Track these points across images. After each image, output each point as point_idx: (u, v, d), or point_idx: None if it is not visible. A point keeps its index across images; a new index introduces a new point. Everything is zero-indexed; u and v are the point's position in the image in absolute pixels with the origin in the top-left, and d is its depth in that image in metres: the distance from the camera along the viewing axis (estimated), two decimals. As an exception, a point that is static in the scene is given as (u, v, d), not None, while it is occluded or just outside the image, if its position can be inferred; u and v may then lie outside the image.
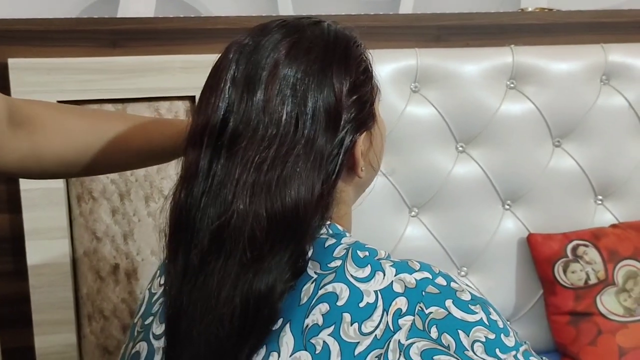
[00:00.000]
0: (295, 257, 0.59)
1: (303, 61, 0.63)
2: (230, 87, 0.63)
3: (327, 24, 0.68)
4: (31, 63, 1.19)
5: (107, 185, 1.25)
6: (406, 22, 1.34)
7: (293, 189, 0.59)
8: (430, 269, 0.61)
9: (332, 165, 0.62)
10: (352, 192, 0.70)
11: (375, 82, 0.71)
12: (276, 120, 0.61)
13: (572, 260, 1.28)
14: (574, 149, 1.35)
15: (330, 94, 0.63)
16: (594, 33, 1.39)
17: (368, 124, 0.67)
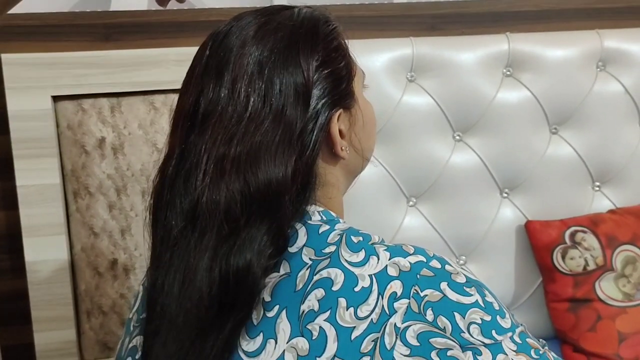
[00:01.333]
0: (274, 232, 0.60)
1: (269, 40, 0.64)
2: (202, 73, 0.64)
3: (298, 8, 0.69)
4: (25, 58, 1.18)
5: (104, 181, 1.25)
6: (401, 11, 1.33)
7: (264, 163, 0.60)
8: (424, 252, 0.61)
9: (307, 141, 0.63)
10: (340, 176, 0.70)
11: (354, 63, 0.71)
12: (244, 98, 0.62)
13: (570, 247, 1.28)
14: (571, 135, 1.35)
15: (296, 69, 0.63)
16: (590, 19, 1.39)
17: (345, 102, 0.68)
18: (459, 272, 0.60)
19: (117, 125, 1.24)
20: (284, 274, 0.60)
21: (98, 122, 1.23)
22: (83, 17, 1.23)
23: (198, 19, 1.25)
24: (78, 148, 1.23)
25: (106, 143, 1.24)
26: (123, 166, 1.25)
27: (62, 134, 1.23)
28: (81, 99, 1.23)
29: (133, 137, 1.24)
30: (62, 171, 1.25)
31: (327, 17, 0.70)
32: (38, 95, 1.19)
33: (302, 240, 0.62)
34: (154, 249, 0.64)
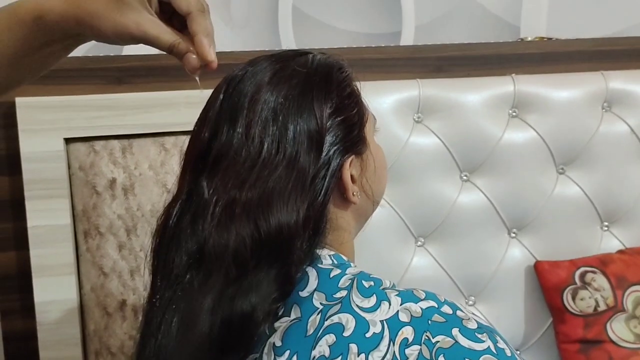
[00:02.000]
0: (282, 277, 0.60)
1: (284, 87, 0.65)
2: (216, 116, 0.65)
3: (312, 55, 0.70)
4: (38, 101, 1.21)
5: (114, 221, 1.26)
6: (408, 54, 1.35)
7: (276, 208, 0.60)
8: (435, 297, 0.61)
9: (319, 187, 0.63)
10: (351, 220, 0.71)
11: (367, 109, 0.72)
12: (258, 143, 0.63)
13: (580, 287, 1.27)
14: (578, 175, 1.36)
15: (310, 116, 0.64)
16: (594, 61, 1.41)
17: (357, 148, 0.69)
18: (470, 317, 0.60)
19: (128, 166, 1.25)
20: (295, 319, 0.60)
21: (109, 163, 1.25)
22: (96, 61, 1.25)
23: (209, 63, 1.27)
24: (89, 189, 1.25)
25: (117, 184, 1.25)
26: (133, 207, 1.26)
27: (74, 175, 1.25)
28: (93, 141, 1.24)
29: (143, 178, 1.26)
30: (73, 211, 1.26)
31: (340, 64, 0.71)
32: (51, 138, 1.21)
33: (313, 285, 0.62)
34: (153, 287, 0.64)
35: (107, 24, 0.61)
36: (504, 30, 1.46)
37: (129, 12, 0.61)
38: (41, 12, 0.61)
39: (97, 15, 0.61)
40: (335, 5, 1.37)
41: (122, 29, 0.61)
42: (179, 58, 0.64)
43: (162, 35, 0.62)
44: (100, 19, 0.61)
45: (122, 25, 0.61)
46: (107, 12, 0.61)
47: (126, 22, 0.61)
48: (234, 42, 1.34)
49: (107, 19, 0.61)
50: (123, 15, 0.61)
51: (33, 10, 0.62)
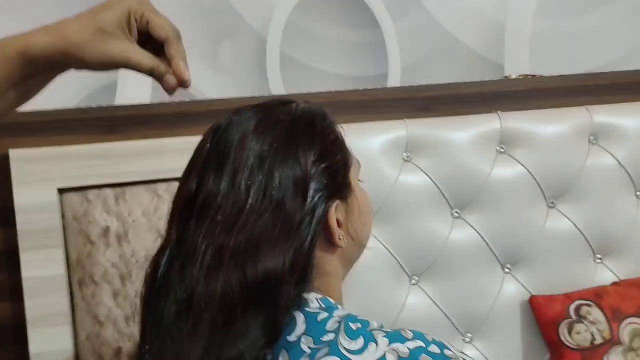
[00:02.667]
0: (270, 324, 0.60)
1: (269, 135, 0.67)
2: (203, 165, 0.67)
3: (296, 104, 0.72)
4: (32, 153, 1.22)
5: (109, 269, 1.26)
6: (395, 95, 1.38)
7: (262, 254, 0.61)
8: (423, 337, 0.62)
9: (306, 232, 0.64)
10: (338, 265, 0.71)
11: (351, 154, 0.74)
12: (244, 191, 0.64)
13: (576, 321, 1.27)
14: (568, 209, 1.36)
15: (295, 163, 0.66)
16: (578, 96, 1.43)
17: (342, 193, 0.70)
18: (458, 357, 0.61)
19: (121, 214, 1.26)
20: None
21: (103, 211, 1.26)
22: (89, 112, 1.27)
23: (199, 110, 1.29)
24: (83, 238, 1.26)
25: (111, 232, 1.26)
26: (128, 254, 1.27)
27: (68, 225, 1.26)
28: (87, 190, 1.26)
29: (137, 225, 1.27)
30: (68, 261, 1.27)
31: (323, 112, 0.73)
32: (45, 189, 1.22)
33: (301, 329, 0.62)
34: (143, 336, 0.65)
35: (94, 53, 0.65)
36: (489, 69, 1.49)
37: (113, 41, 0.65)
38: (27, 47, 0.64)
39: (83, 46, 0.65)
40: (322, 49, 1.41)
41: (107, 57, 0.66)
42: (158, 79, 0.69)
43: (143, 60, 0.67)
44: (85, 49, 0.65)
45: (107, 54, 0.66)
46: (93, 43, 0.65)
47: (111, 51, 0.65)
48: (223, 89, 1.37)
49: (93, 48, 0.65)
50: (107, 44, 0.65)
51: (18, 46, 0.64)
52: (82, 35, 0.65)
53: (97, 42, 0.65)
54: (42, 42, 0.64)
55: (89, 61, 0.66)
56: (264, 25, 1.37)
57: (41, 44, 0.64)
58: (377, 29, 1.42)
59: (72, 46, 0.65)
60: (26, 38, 0.65)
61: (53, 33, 0.65)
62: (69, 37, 0.64)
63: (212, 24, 1.36)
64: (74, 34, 0.65)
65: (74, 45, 0.65)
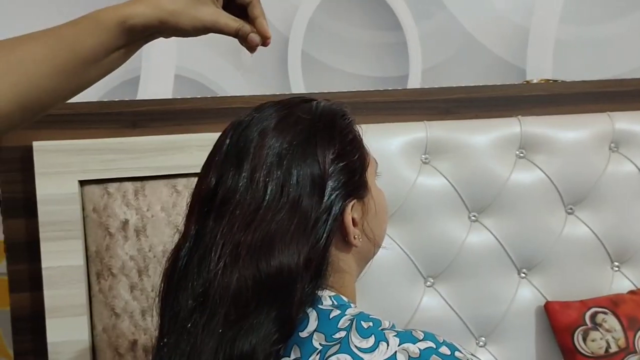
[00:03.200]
0: (282, 319, 0.61)
1: (289, 133, 0.68)
2: (222, 161, 0.68)
3: (317, 102, 0.73)
4: (55, 145, 1.24)
5: (126, 262, 1.28)
6: (415, 97, 1.38)
7: (277, 250, 0.62)
8: (434, 338, 0.62)
9: (321, 230, 0.65)
10: (352, 263, 0.72)
11: (368, 153, 0.74)
12: (262, 187, 0.65)
13: (591, 328, 1.26)
14: (587, 216, 1.36)
15: (313, 161, 0.66)
16: (600, 102, 1.42)
17: (358, 193, 0.70)
18: (468, 358, 0.61)
19: (140, 208, 1.28)
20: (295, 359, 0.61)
21: (122, 205, 1.28)
22: (111, 106, 1.29)
23: (220, 106, 1.30)
24: (102, 230, 1.27)
25: (129, 225, 1.28)
26: (145, 247, 1.28)
27: (88, 217, 1.27)
28: (107, 183, 1.27)
29: (156, 220, 1.28)
30: (87, 253, 1.28)
31: (343, 111, 0.74)
32: (66, 180, 1.24)
33: (313, 326, 0.63)
34: (161, 330, 0.66)
35: (186, 20, 0.72)
36: (510, 73, 1.48)
37: (202, 7, 0.73)
38: (126, 17, 0.70)
39: (178, 13, 0.72)
40: (343, 50, 1.41)
41: (199, 22, 0.73)
42: (242, 39, 0.76)
43: (229, 22, 0.74)
44: (180, 16, 0.72)
45: (199, 19, 0.73)
46: (186, 10, 0.72)
47: (202, 16, 0.73)
48: (244, 86, 1.38)
49: (186, 15, 0.72)
50: (198, 10, 0.73)
51: (118, 16, 0.70)
52: (176, 4, 0.71)
53: (189, 9, 0.72)
54: (141, 12, 0.70)
55: (183, 27, 0.72)
56: (286, 24, 1.38)
57: (140, 13, 0.70)
58: (399, 31, 1.42)
59: (169, 14, 0.71)
60: (124, 8, 0.71)
61: (148, 3, 0.71)
62: (165, 7, 0.71)
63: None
64: (169, 4, 0.71)
65: (170, 14, 0.71)
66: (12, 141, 1.25)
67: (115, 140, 1.27)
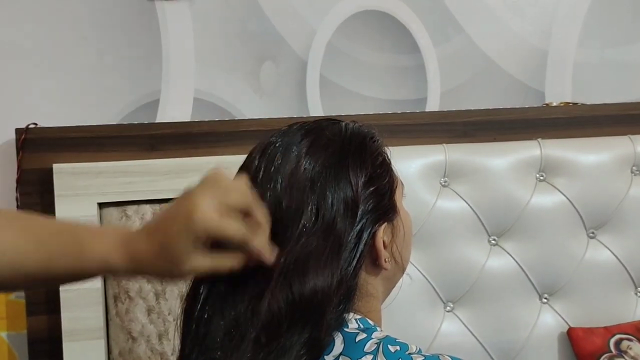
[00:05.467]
0: (311, 342, 0.60)
1: (321, 156, 0.67)
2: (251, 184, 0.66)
3: (345, 123, 0.72)
4: (74, 167, 1.25)
5: (143, 285, 1.27)
6: (433, 119, 1.37)
7: (312, 273, 0.61)
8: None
9: (353, 253, 0.64)
10: (380, 286, 0.71)
11: (396, 176, 0.73)
12: (296, 211, 0.64)
13: (616, 356, 1.23)
14: (609, 240, 1.34)
15: (346, 185, 0.66)
16: (621, 125, 1.41)
17: (388, 216, 0.69)
18: (497, 383, 0.59)
19: (158, 231, 1.27)
20: (321, 383, 0.60)
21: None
22: (130, 129, 1.30)
23: (238, 129, 1.30)
24: (120, 253, 1.27)
25: (147, 248, 1.27)
26: (163, 271, 1.27)
27: (106, 240, 1.27)
28: (126, 206, 1.27)
29: (173, 242, 1.27)
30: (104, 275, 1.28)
31: (372, 134, 0.73)
32: (85, 203, 1.24)
33: (339, 349, 0.62)
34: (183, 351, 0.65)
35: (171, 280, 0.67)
36: (529, 96, 1.47)
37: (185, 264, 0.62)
38: (108, 267, 0.63)
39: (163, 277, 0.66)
40: (361, 73, 1.41)
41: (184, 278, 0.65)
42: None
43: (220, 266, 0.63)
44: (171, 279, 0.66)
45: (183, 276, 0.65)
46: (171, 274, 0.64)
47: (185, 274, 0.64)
48: (262, 109, 1.38)
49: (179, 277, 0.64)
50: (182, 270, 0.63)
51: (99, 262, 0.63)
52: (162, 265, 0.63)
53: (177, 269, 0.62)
54: (123, 267, 0.63)
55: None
56: (305, 48, 1.39)
57: (123, 269, 0.63)
58: (417, 54, 1.42)
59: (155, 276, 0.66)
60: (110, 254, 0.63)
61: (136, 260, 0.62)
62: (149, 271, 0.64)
63: (255, 46, 1.37)
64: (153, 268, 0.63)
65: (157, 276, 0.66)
66: (32, 164, 1.26)
67: (133, 163, 1.27)
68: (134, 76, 1.36)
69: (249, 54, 1.38)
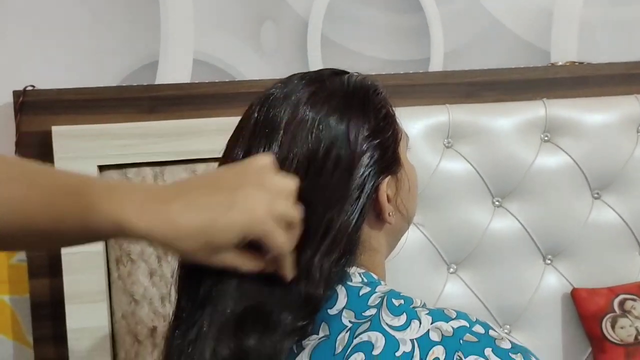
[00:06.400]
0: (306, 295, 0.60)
1: (321, 109, 0.65)
2: (250, 134, 0.65)
3: (348, 75, 0.70)
4: (73, 130, 1.23)
5: (145, 248, 1.27)
6: (436, 80, 1.35)
7: None
8: (467, 317, 0.60)
9: (354, 208, 0.63)
10: (384, 241, 0.70)
11: (400, 128, 0.72)
12: (294, 163, 0.62)
13: (620, 315, 1.23)
14: (614, 201, 1.33)
15: (347, 139, 0.64)
16: (627, 84, 1.39)
17: (392, 169, 0.68)
18: (503, 337, 0.59)
19: (159, 194, 1.27)
20: (323, 337, 0.60)
21: (141, 190, 1.26)
22: (129, 91, 1.28)
23: (238, 91, 1.29)
24: (121, 216, 1.26)
25: (148, 211, 1.26)
26: (164, 234, 1.27)
27: (107, 203, 1.26)
28: (126, 168, 1.26)
29: (175, 205, 1.27)
30: (106, 239, 1.27)
31: (376, 86, 0.71)
32: (85, 165, 1.23)
33: (342, 303, 0.61)
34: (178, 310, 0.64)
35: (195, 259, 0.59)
36: (534, 56, 1.45)
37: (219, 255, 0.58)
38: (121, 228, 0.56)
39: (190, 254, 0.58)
40: (363, 33, 1.39)
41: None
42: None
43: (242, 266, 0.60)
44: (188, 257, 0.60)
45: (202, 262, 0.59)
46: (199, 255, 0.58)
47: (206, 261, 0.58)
48: (263, 70, 1.36)
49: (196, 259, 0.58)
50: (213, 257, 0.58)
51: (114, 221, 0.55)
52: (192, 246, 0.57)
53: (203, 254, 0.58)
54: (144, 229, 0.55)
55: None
56: (305, 7, 1.36)
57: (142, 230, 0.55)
58: (420, 13, 1.39)
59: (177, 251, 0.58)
60: (123, 215, 0.55)
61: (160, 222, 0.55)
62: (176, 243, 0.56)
63: (255, 5, 1.35)
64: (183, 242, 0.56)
65: (180, 252, 0.58)
66: (30, 127, 1.25)
67: (133, 125, 1.26)
68: (133, 38, 1.34)
69: (248, 14, 1.35)
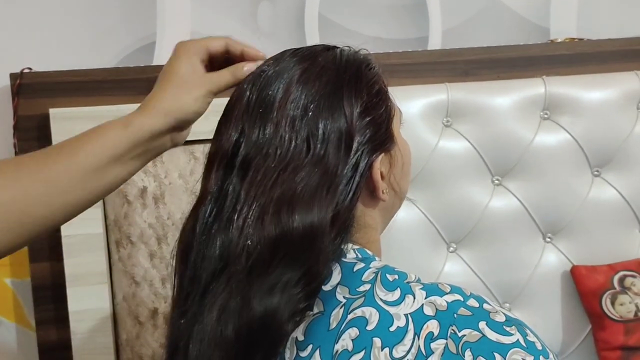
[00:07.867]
0: (309, 277, 0.59)
1: (314, 85, 0.65)
2: (243, 114, 0.65)
3: (340, 50, 0.70)
4: (71, 112, 1.23)
5: (145, 230, 1.27)
6: (435, 58, 1.34)
7: (304, 207, 0.59)
8: (461, 291, 0.60)
9: (348, 186, 0.62)
10: (378, 217, 0.70)
11: (393, 104, 0.71)
12: (287, 143, 0.62)
13: (619, 292, 1.23)
14: (614, 178, 1.32)
15: (340, 116, 0.64)
16: (627, 61, 1.38)
17: (385, 145, 0.67)
18: (497, 310, 0.59)
19: (158, 175, 1.27)
20: (318, 313, 0.60)
21: (140, 172, 1.26)
22: (126, 72, 1.27)
23: (236, 71, 1.28)
24: (121, 198, 1.26)
25: (148, 193, 1.27)
26: (164, 215, 1.27)
27: (106, 185, 1.26)
28: (124, 151, 1.26)
29: (173, 187, 1.27)
30: (106, 221, 1.28)
31: (368, 60, 0.71)
32: (83, 148, 1.23)
33: (337, 279, 0.61)
34: (180, 291, 0.64)
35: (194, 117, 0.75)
36: (533, 33, 1.44)
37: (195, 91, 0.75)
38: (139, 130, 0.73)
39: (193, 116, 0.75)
40: (361, 12, 1.38)
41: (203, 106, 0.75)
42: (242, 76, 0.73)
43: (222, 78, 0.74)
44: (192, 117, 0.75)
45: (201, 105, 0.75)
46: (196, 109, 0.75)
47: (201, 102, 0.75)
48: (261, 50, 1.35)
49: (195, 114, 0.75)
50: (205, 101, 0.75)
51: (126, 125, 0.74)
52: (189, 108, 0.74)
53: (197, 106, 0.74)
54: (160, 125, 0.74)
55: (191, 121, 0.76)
56: (302, -14, 1.35)
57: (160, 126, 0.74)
58: (418, -10, 1.38)
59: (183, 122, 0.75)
60: (134, 119, 0.75)
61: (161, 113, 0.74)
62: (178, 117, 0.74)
63: (252, -15, 1.34)
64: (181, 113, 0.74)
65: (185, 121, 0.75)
66: (28, 110, 1.25)
67: (131, 107, 1.24)
68: (129, 19, 1.33)
69: (245, -7, 1.34)
